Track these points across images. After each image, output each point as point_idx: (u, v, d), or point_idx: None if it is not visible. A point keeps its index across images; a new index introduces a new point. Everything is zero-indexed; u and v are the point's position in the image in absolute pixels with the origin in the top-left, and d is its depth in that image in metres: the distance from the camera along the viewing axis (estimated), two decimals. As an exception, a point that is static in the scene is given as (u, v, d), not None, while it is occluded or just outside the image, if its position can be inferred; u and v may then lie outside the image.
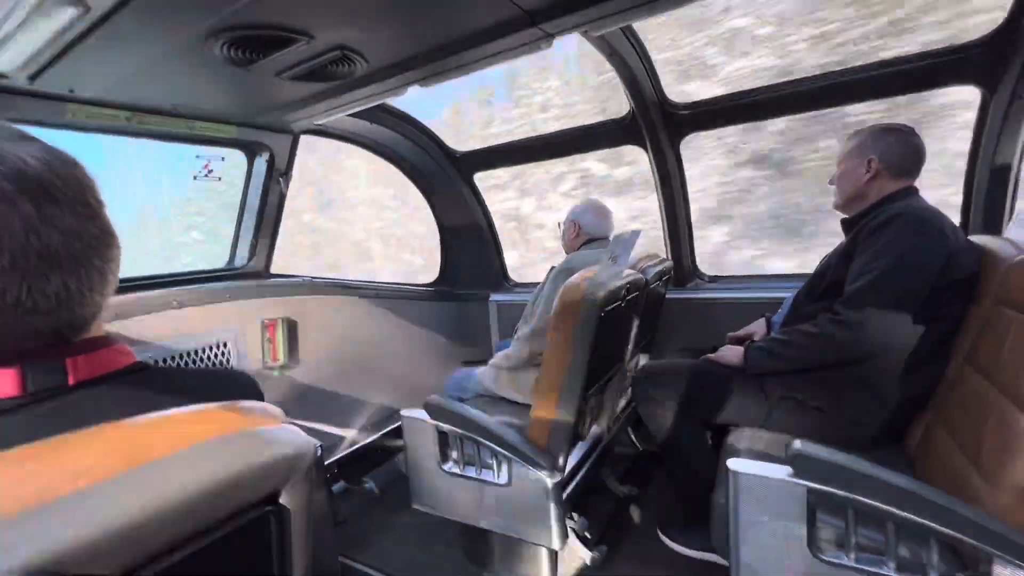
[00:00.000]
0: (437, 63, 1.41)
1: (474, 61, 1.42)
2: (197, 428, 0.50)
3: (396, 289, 2.76)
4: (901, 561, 1.04)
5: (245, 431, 0.52)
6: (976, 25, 3.72)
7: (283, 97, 1.62)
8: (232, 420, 0.53)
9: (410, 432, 1.74)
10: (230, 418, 0.53)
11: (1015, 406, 1.03)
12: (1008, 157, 1.67)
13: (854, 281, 1.43)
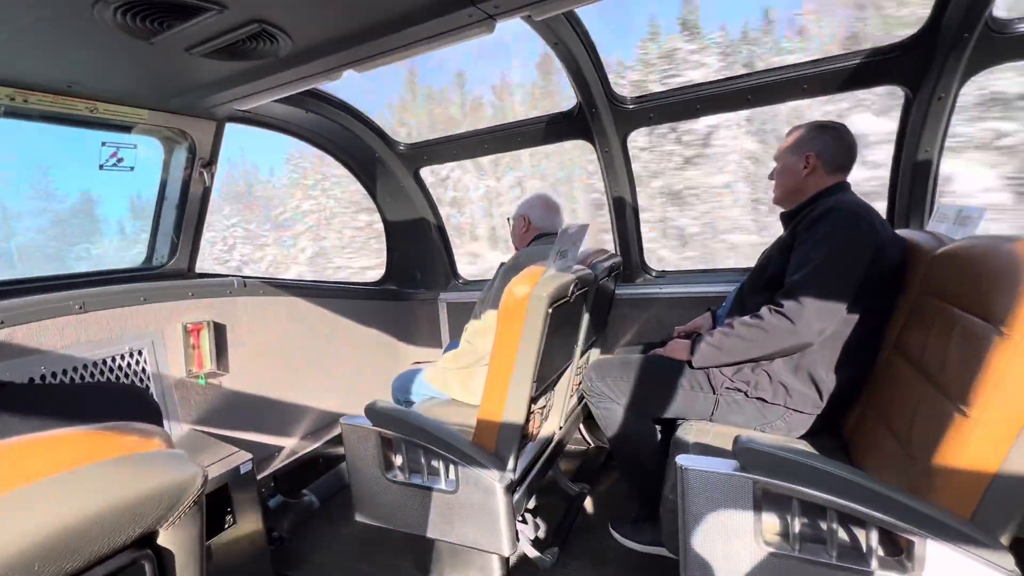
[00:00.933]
0: (370, 44, 1.31)
1: (410, 44, 1.33)
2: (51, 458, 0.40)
3: (338, 288, 2.62)
4: (841, 549, 1.06)
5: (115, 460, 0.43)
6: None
7: (199, 77, 1.47)
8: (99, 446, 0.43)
9: (351, 440, 1.63)
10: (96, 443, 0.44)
11: (941, 393, 1.06)
12: (929, 154, 1.76)
13: (793, 273, 1.46)
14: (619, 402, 1.76)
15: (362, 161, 2.65)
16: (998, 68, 1.62)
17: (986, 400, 0.94)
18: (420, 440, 1.53)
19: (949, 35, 1.56)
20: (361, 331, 2.66)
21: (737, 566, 1.13)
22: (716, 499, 1.13)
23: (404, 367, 2.36)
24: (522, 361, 1.40)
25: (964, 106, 5.99)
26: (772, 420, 1.53)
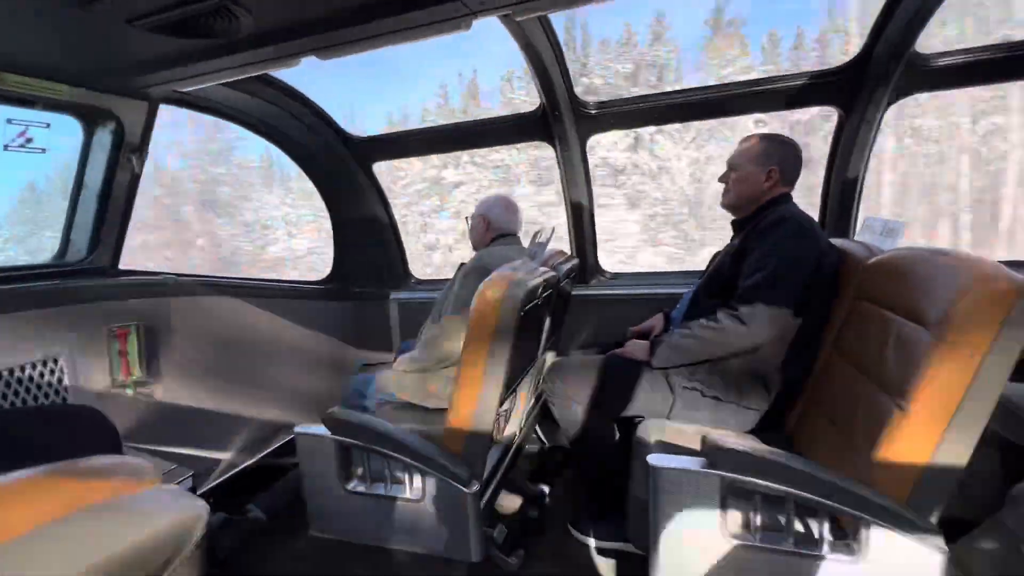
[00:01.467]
0: (339, 32, 1.24)
1: (383, 34, 1.27)
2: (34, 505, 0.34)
3: (281, 288, 2.46)
4: (797, 536, 1.14)
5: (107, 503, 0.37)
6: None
7: (138, 53, 1.31)
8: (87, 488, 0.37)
9: (306, 451, 1.54)
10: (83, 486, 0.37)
11: (881, 390, 1.17)
12: (856, 171, 1.95)
13: (746, 279, 1.56)
14: (579, 402, 1.79)
15: (311, 153, 2.50)
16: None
17: (921, 396, 1.04)
18: (384, 448, 1.47)
19: (879, 65, 1.73)
20: (307, 333, 2.52)
21: (704, 558, 1.18)
22: (685, 496, 1.18)
23: (353, 370, 2.26)
24: (493, 364, 1.38)
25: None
26: (725, 417, 1.62)
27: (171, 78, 1.49)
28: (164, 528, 0.40)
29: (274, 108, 2.18)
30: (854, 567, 1.09)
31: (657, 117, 2.08)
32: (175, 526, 0.41)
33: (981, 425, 1.02)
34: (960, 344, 1.00)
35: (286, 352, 2.38)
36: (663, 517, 1.21)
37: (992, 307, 0.98)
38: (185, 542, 0.42)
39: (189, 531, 0.43)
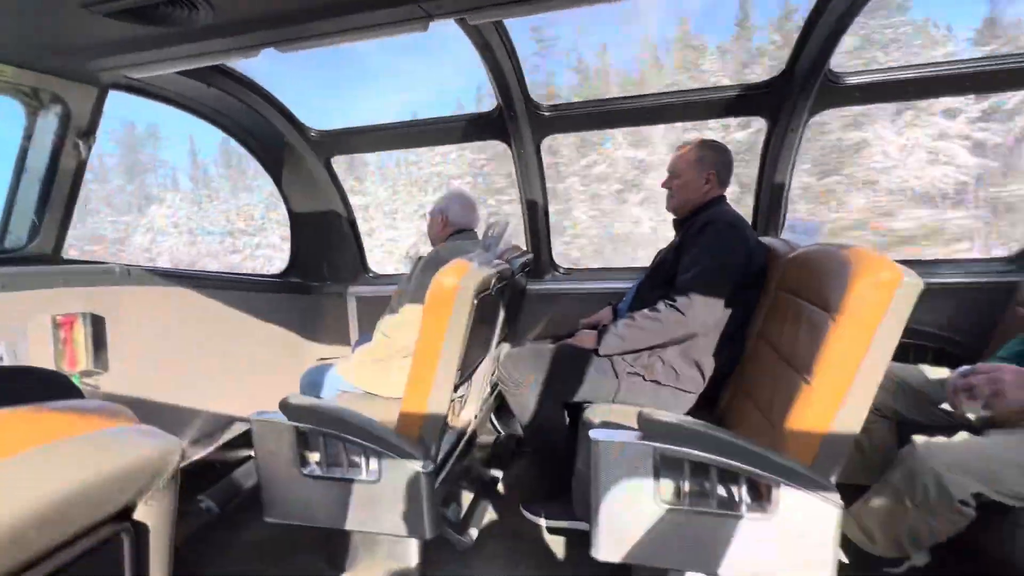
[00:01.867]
0: (299, 26, 1.28)
1: (342, 31, 1.32)
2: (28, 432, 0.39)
3: (236, 279, 2.43)
4: (720, 500, 1.27)
5: (97, 433, 0.42)
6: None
7: (91, 38, 1.30)
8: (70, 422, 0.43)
9: (262, 437, 1.56)
10: (66, 420, 0.43)
11: (792, 369, 1.32)
12: (783, 176, 2.14)
13: (684, 273, 1.70)
14: (532, 389, 1.89)
15: (268, 145, 2.49)
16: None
17: (822, 371, 1.18)
18: (341, 432, 1.51)
19: (799, 80, 1.92)
20: (262, 326, 2.50)
21: (639, 522, 1.30)
22: (622, 466, 1.29)
23: (309, 364, 2.27)
24: (448, 349, 1.45)
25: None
26: (665, 400, 1.75)
27: (123, 64, 1.48)
28: (139, 459, 0.45)
29: (230, 98, 2.17)
30: (767, 524, 1.23)
31: (606, 121, 2.21)
32: (150, 458, 0.46)
33: (872, 395, 1.17)
34: (854, 325, 1.15)
35: (241, 345, 2.36)
36: (603, 488, 1.31)
37: (879, 293, 1.13)
38: (160, 473, 0.48)
39: (163, 464, 0.48)
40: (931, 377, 1.56)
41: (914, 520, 1.26)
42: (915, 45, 19.69)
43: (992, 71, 1.84)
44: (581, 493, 1.59)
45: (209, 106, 2.19)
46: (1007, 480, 1.15)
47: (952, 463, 1.18)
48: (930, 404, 1.52)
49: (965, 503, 1.18)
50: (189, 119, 2.23)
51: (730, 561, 1.26)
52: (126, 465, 0.44)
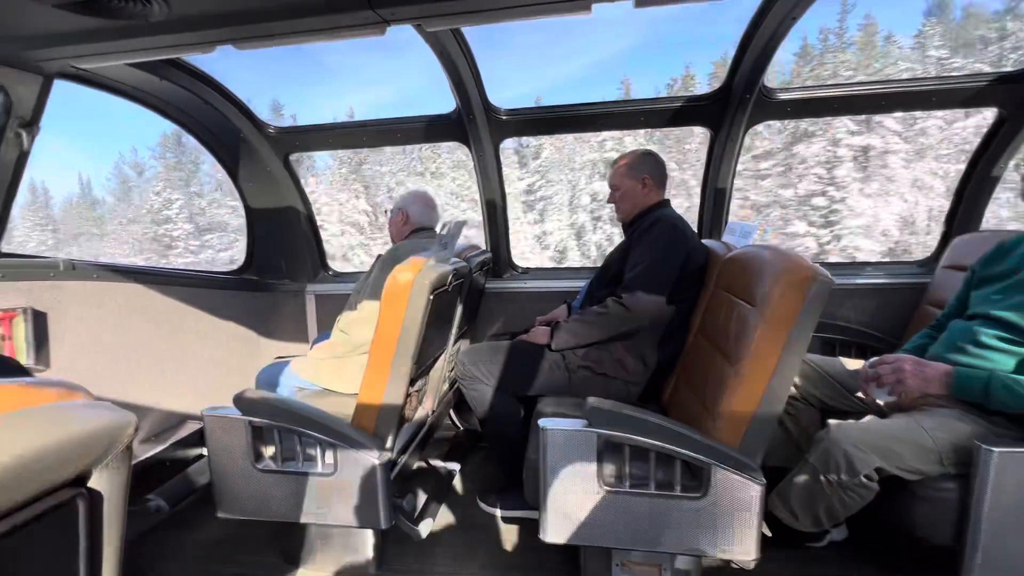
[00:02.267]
0: (257, 25, 1.30)
1: (298, 32, 1.35)
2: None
3: (189, 276, 2.39)
4: (658, 482, 1.37)
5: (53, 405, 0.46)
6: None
7: (39, 27, 1.28)
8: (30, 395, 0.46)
9: (216, 432, 1.56)
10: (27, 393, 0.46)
11: (726, 360, 1.44)
12: (724, 182, 2.29)
13: (629, 271, 1.81)
14: (488, 383, 1.96)
15: (224, 140, 2.45)
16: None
17: (748, 361, 1.29)
18: (296, 426, 1.53)
19: (737, 93, 2.07)
20: (217, 323, 2.46)
21: (584, 505, 1.38)
22: (569, 453, 1.37)
23: (266, 362, 2.26)
24: (403, 344, 1.50)
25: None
26: (612, 391, 1.85)
27: (72, 54, 1.45)
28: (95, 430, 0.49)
29: (185, 92, 2.13)
30: (700, 503, 1.33)
31: (560, 126, 2.31)
32: (105, 429, 0.50)
33: (790, 382, 1.30)
34: (775, 318, 1.26)
35: (194, 342, 2.32)
36: (550, 474, 1.39)
37: (796, 289, 1.25)
38: (113, 446, 0.52)
39: (117, 436, 0.52)
40: (849, 368, 1.72)
41: (829, 496, 1.39)
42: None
43: (905, 92, 2.05)
44: (532, 482, 1.67)
45: (161, 98, 2.15)
46: (904, 456, 1.30)
47: (858, 441, 1.31)
48: (847, 392, 1.67)
49: (869, 477, 1.31)
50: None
51: (667, 539, 1.36)
52: (82, 435, 0.47)
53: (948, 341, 1.49)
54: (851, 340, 2.30)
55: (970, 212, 2.26)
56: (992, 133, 2.14)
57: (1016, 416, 1.27)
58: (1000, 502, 1.22)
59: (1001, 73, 1.99)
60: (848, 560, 1.66)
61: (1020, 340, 1.31)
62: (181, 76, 2.04)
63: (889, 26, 29.18)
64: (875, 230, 19.75)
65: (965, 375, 1.32)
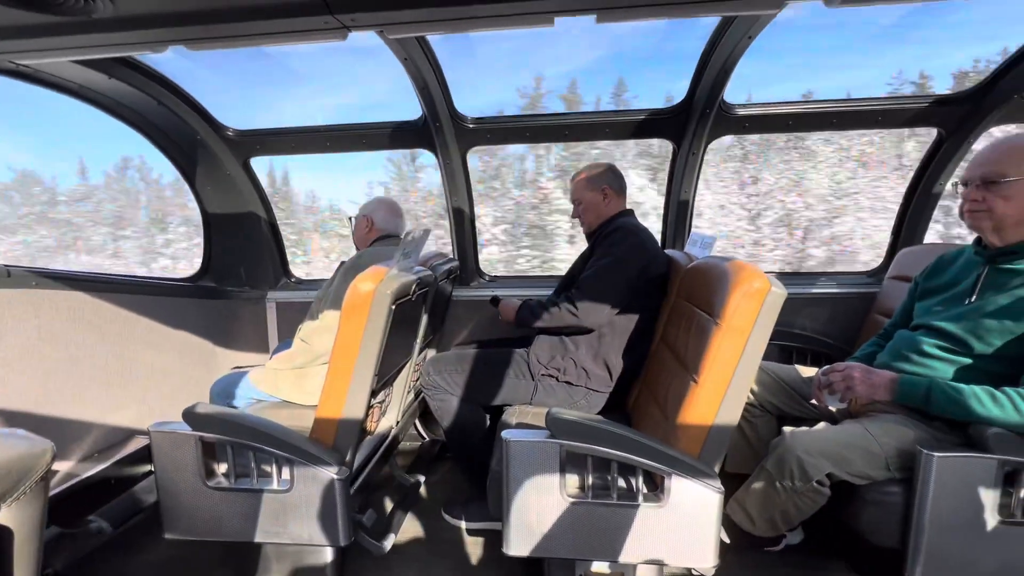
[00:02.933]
0: (211, 26, 1.25)
1: (255, 34, 1.31)
2: None
3: (138, 283, 2.27)
4: (620, 492, 1.37)
5: None
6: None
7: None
8: None
9: (163, 449, 1.48)
10: None
11: (685, 369, 1.46)
12: (687, 195, 2.35)
13: (584, 273, 1.84)
14: (454, 393, 1.94)
15: (180, 143, 2.36)
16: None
17: (707, 370, 1.32)
18: (250, 441, 1.47)
19: (698, 108, 2.13)
20: (168, 333, 2.35)
21: (547, 516, 1.37)
22: (531, 464, 1.37)
23: (222, 374, 2.17)
24: (364, 355, 1.46)
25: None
26: (577, 400, 1.86)
27: (12, 49, 1.36)
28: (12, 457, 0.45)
29: (137, 92, 2.04)
30: (661, 511, 1.35)
31: (528, 136, 2.32)
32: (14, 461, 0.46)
33: (746, 390, 1.33)
34: (732, 328, 1.29)
35: (144, 353, 2.21)
36: (513, 486, 1.38)
37: (751, 301, 1.28)
38: (26, 476, 0.48)
39: (30, 467, 0.48)
40: (803, 375, 1.78)
41: (784, 501, 1.43)
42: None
43: (854, 111, 2.15)
44: (496, 493, 1.65)
45: (111, 98, 2.05)
46: (854, 461, 1.34)
47: (810, 448, 1.36)
48: (802, 399, 1.73)
49: (821, 483, 1.36)
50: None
51: (629, 548, 1.37)
52: None
53: (894, 350, 1.56)
54: (806, 348, 2.38)
55: (914, 226, 2.38)
56: (932, 152, 2.27)
57: (954, 422, 1.34)
58: (940, 504, 1.28)
59: (940, 96, 2.12)
60: (803, 563, 1.71)
61: (958, 350, 1.38)
62: (133, 76, 1.96)
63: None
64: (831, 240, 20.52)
65: (908, 382, 1.38)
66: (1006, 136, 1.39)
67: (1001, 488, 1.26)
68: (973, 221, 1.40)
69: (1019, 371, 1.28)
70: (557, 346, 1.89)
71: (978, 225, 1.40)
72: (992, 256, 1.40)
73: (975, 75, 2.06)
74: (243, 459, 1.50)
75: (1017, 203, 1.32)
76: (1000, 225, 1.35)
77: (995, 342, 1.32)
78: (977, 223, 1.40)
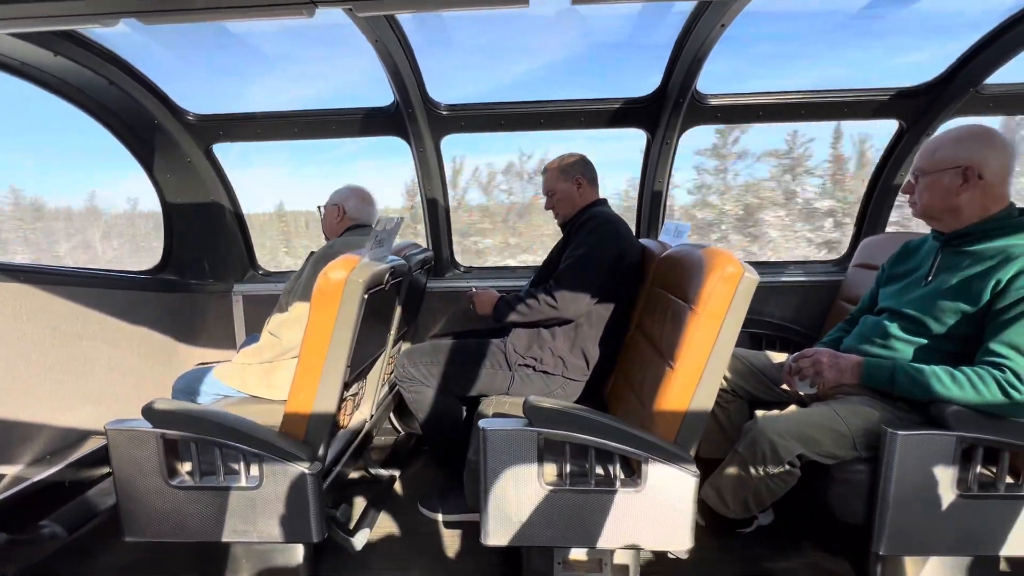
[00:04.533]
0: None
1: (213, 8, 1.23)
2: None
3: (94, 276, 2.15)
4: (597, 478, 1.38)
5: None
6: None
7: None
8: None
9: (122, 448, 1.41)
10: None
11: (660, 355, 1.47)
12: (660, 184, 2.36)
13: (560, 266, 1.83)
14: (429, 385, 1.90)
15: (134, 127, 2.23)
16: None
17: (682, 356, 1.33)
18: (216, 437, 1.41)
19: (671, 98, 2.14)
20: (127, 329, 2.24)
21: (525, 506, 1.36)
22: (509, 453, 1.35)
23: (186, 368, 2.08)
24: (336, 346, 1.42)
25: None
26: (554, 389, 1.86)
27: None
28: None
29: (87, 72, 1.92)
30: (638, 496, 1.35)
31: (503, 124, 2.29)
32: None
33: (720, 375, 1.34)
34: (706, 314, 1.30)
35: (100, 350, 2.09)
36: (491, 476, 1.36)
37: (725, 285, 1.29)
38: None
39: None
40: (774, 361, 1.81)
41: (757, 483, 1.46)
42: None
43: (821, 103, 2.20)
44: (473, 484, 1.63)
45: (56, 76, 1.92)
46: (823, 442, 1.38)
47: (781, 430, 1.39)
48: (773, 384, 1.77)
49: (792, 464, 1.39)
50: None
51: (607, 533, 1.37)
52: None
53: (860, 334, 1.61)
54: (776, 335, 2.44)
55: (876, 216, 2.46)
56: (893, 144, 2.34)
57: (916, 402, 1.39)
58: (904, 480, 1.32)
59: (900, 89, 2.18)
60: (775, 543, 1.75)
61: (918, 331, 1.43)
62: (80, 53, 1.83)
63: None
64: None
65: (873, 365, 1.42)
66: (939, 132, 1.48)
67: (959, 463, 1.31)
68: (913, 211, 1.50)
69: (974, 350, 1.34)
70: (534, 336, 1.87)
71: (915, 214, 1.50)
72: (946, 240, 1.46)
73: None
74: (208, 456, 1.43)
75: (935, 193, 1.43)
76: (929, 214, 1.48)
77: (949, 322, 1.37)
78: (913, 213, 1.50)
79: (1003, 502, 1.33)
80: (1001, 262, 1.30)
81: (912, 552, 1.39)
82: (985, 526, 1.34)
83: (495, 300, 1.93)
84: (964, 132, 1.41)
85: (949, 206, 1.41)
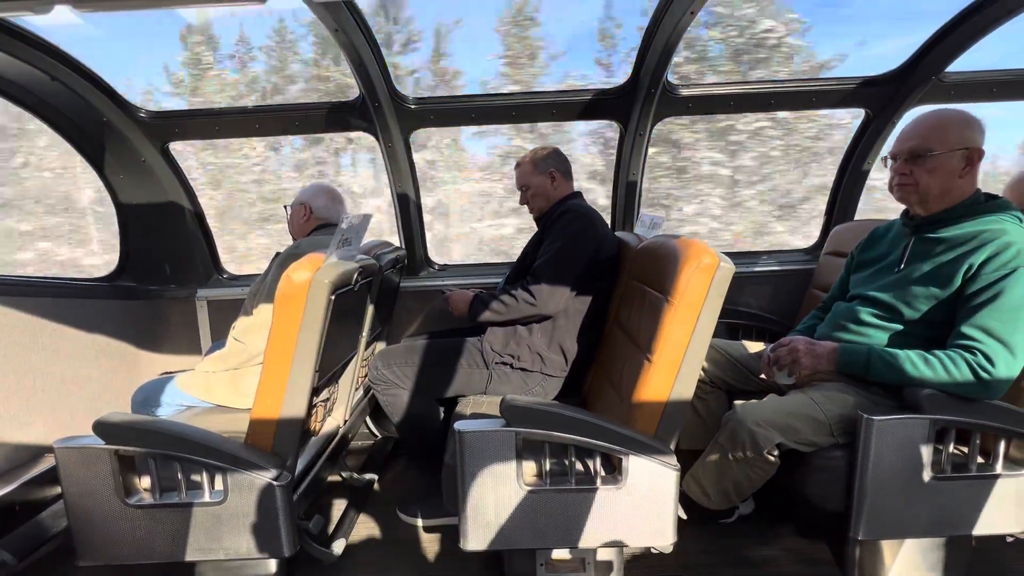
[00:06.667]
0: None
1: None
2: None
3: (44, 284, 2.03)
4: (578, 476, 1.35)
5: None
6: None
7: None
8: None
9: (71, 467, 1.32)
10: None
11: (638, 348, 1.45)
12: (635, 176, 2.35)
13: (537, 261, 1.80)
14: (404, 387, 1.85)
15: (81, 125, 2.10)
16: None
17: (660, 348, 1.30)
18: (175, 451, 1.33)
19: (643, 89, 2.12)
20: (82, 339, 2.11)
21: (504, 507, 1.33)
22: (487, 454, 1.31)
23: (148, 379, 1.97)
24: (302, 350, 1.35)
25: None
26: (532, 386, 1.82)
27: None
28: None
29: (24, 66, 1.79)
30: (619, 492, 1.33)
31: (473, 118, 2.24)
32: None
33: (699, 366, 1.33)
34: (683, 305, 1.28)
35: (52, 362, 1.97)
36: (469, 479, 1.32)
37: (701, 276, 1.27)
38: None
39: None
40: (751, 351, 1.82)
41: (737, 473, 1.45)
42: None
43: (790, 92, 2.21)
44: (451, 488, 1.59)
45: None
46: (801, 430, 1.38)
47: (761, 420, 1.38)
48: (751, 374, 1.77)
49: (771, 453, 1.38)
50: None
51: (589, 532, 1.34)
52: None
53: (832, 321, 1.61)
54: (751, 324, 2.45)
55: (846, 204, 2.50)
56: (861, 132, 2.38)
57: (890, 387, 1.39)
58: (880, 465, 1.33)
59: (866, 78, 2.21)
60: (756, 532, 1.76)
61: (891, 317, 1.44)
62: (16, 45, 1.71)
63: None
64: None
65: (848, 350, 1.42)
66: (931, 112, 1.45)
67: (933, 446, 1.33)
68: (901, 194, 1.46)
69: (946, 334, 1.35)
70: (511, 333, 1.84)
71: (905, 197, 1.46)
72: (918, 226, 1.47)
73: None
74: (168, 471, 1.35)
75: (940, 175, 1.39)
76: (925, 197, 1.42)
77: (922, 308, 1.38)
78: (905, 196, 1.46)
79: (975, 482, 1.35)
80: (973, 248, 1.31)
81: (889, 535, 1.40)
82: (958, 507, 1.36)
83: (470, 299, 1.89)
84: (965, 116, 1.40)
85: (946, 188, 1.39)
